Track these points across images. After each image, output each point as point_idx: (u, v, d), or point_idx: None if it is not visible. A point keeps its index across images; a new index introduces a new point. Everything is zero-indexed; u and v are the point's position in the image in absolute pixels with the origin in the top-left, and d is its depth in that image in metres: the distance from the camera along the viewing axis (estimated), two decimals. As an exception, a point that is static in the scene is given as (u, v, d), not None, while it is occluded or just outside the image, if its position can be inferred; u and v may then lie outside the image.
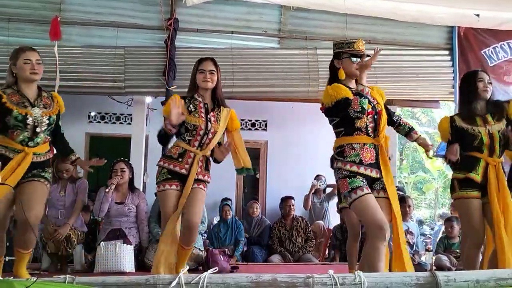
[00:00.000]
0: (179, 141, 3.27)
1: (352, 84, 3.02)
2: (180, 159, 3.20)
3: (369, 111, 2.91)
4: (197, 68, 3.30)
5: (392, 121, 3.17)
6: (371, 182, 2.93)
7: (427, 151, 3.24)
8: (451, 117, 3.43)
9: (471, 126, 3.29)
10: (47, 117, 3.19)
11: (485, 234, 3.27)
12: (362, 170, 2.89)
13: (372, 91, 3.01)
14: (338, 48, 3.08)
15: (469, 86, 3.38)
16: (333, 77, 3.07)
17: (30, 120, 3.11)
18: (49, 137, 3.27)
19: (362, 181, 2.87)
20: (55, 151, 3.46)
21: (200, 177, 3.21)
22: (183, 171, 3.18)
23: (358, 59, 2.99)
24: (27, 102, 3.16)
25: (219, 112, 3.30)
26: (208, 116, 3.24)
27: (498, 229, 3.12)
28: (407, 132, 3.20)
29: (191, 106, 3.24)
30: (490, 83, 3.37)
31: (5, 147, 3.13)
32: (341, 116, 2.92)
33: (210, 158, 3.34)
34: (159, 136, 3.24)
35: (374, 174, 2.91)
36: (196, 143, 3.21)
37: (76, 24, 5.64)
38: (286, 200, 5.85)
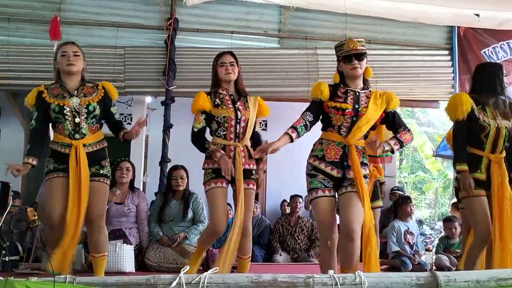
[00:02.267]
0: (215, 138, 3.29)
1: (355, 84, 3.01)
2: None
3: (346, 111, 2.91)
4: (217, 62, 3.35)
5: (396, 131, 3.04)
6: (335, 180, 2.93)
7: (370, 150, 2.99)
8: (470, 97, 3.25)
9: (482, 116, 3.21)
10: (86, 105, 3.15)
11: (491, 233, 3.20)
12: (322, 166, 2.94)
13: (373, 94, 2.98)
14: (335, 52, 3.08)
15: (499, 78, 3.29)
16: (339, 79, 3.06)
17: (67, 110, 3.11)
18: (97, 125, 3.23)
19: (320, 181, 2.92)
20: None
21: (246, 166, 3.25)
22: None
23: (353, 59, 2.94)
24: (67, 93, 3.17)
25: (246, 100, 3.35)
26: (236, 106, 3.28)
27: (494, 228, 3.13)
28: (392, 137, 3.03)
29: (217, 100, 3.28)
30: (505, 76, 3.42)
31: (56, 142, 3.16)
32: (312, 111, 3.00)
33: (250, 149, 3.34)
34: (194, 140, 3.27)
35: (334, 173, 2.92)
36: (232, 135, 3.24)
37: (76, 24, 5.64)
38: (294, 198, 5.89)
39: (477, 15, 5.65)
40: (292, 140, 2.92)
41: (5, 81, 5.49)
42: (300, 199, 5.89)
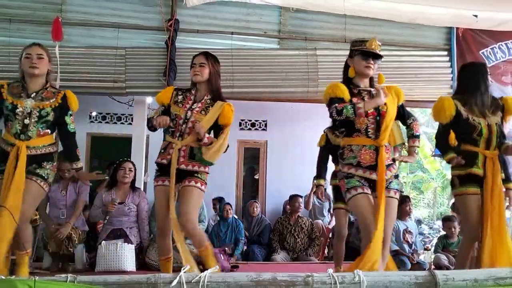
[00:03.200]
0: (166, 134, 3.30)
1: (364, 83, 3.02)
2: (163, 151, 3.24)
3: (369, 112, 2.89)
4: (191, 63, 3.32)
5: (405, 123, 3.16)
6: (373, 182, 2.90)
7: (404, 161, 3.12)
8: (453, 100, 3.32)
9: (471, 116, 3.27)
10: (38, 109, 3.12)
11: (481, 231, 3.26)
12: (360, 172, 2.90)
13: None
14: (352, 46, 3.07)
15: (483, 77, 3.35)
16: (344, 75, 3.07)
17: (19, 110, 3.09)
18: (46, 130, 3.16)
19: (358, 181, 2.88)
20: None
21: (183, 166, 3.15)
22: (164, 161, 3.18)
23: (370, 58, 2.96)
24: (25, 94, 3.15)
25: (212, 105, 3.24)
26: (193, 107, 3.23)
27: (485, 226, 3.18)
28: (409, 137, 3.18)
29: (180, 97, 3.27)
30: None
31: (4, 140, 3.14)
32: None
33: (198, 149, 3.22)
34: (148, 122, 3.29)
35: (374, 176, 2.88)
36: (178, 134, 3.21)
37: (77, 25, 5.65)
38: (295, 198, 5.91)
39: (476, 16, 5.66)
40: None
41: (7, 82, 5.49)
42: (300, 199, 5.91)
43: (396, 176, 3.01)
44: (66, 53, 5.43)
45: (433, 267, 4.95)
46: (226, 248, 5.15)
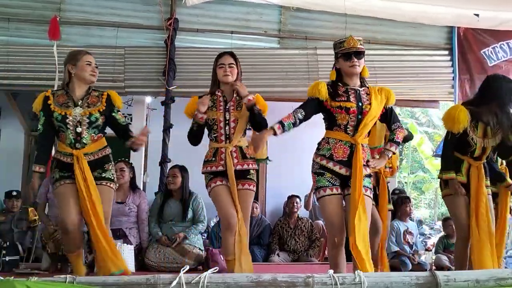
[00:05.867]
0: (210, 143, 3.34)
1: (353, 82, 3.02)
2: (214, 159, 3.26)
3: (351, 109, 2.92)
4: (217, 63, 3.35)
5: (390, 127, 3.13)
6: (343, 178, 2.95)
7: (373, 166, 3.03)
8: (467, 111, 3.28)
9: (472, 134, 3.31)
10: (87, 116, 3.17)
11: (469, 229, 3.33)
12: (330, 165, 2.94)
13: (372, 91, 3.01)
14: (334, 49, 3.10)
15: (508, 96, 3.27)
16: (335, 77, 3.08)
17: (69, 120, 3.13)
18: (99, 134, 3.24)
19: (328, 180, 2.93)
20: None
21: (239, 167, 3.23)
22: (220, 168, 3.23)
23: (353, 57, 2.95)
24: (71, 102, 3.18)
25: (241, 101, 3.30)
26: (227, 107, 3.28)
27: (471, 228, 3.25)
28: (388, 140, 3.12)
29: (209, 103, 3.30)
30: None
31: (60, 152, 3.19)
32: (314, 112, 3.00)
33: (246, 148, 3.32)
34: (189, 135, 3.32)
35: (343, 171, 2.93)
36: (223, 137, 3.26)
37: (76, 24, 5.64)
38: (291, 198, 5.89)
39: (477, 15, 5.65)
40: (275, 134, 2.87)
41: (5, 81, 5.49)
42: (298, 199, 5.87)
43: (369, 176, 3.00)
44: (65, 52, 5.35)
45: (434, 267, 4.93)
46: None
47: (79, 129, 3.14)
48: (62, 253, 4.38)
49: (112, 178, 3.29)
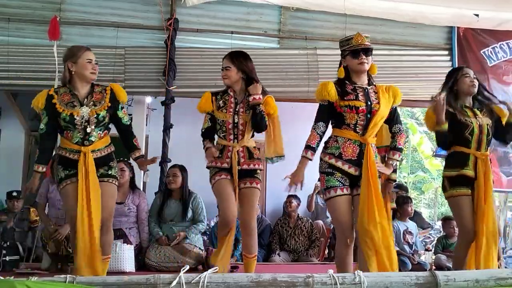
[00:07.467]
0: (218, 139, 3.39)
1: (361, 80, 3.01)
2: (220, 155, 3.31)
3: (360, 108, 2.89)
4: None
5: (391, 128, 3.12)
6: (352, 178, 2.93)
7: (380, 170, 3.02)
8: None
9: (463, 116, 3.30)
10: (95, 115, 3.16)
11: (475, 232, 3.27)
12: (339, 164, 2.91)
13: (379, 89, 3.00)
14: (341, 46, 3.06)
15: (454, 81, 3.39)
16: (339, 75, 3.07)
17: (77, 120, 3.13)
18: (105, 131, 3.25)
19: (338, 180, 2.90)
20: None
21: (245, 166, 3.29)
22: (225, 165, 3.28)
23: (361, 54, 2.96)
24: (77, 101, 3.17)
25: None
26: (237, 109, 3.31)
27: (477, 224, 3.21)
28: (391, 148, 3.12)
29: (221, 102, 3.34)
30: (476, 78, 3.38)
31: (64, 148, 3.18)
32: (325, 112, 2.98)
33: (254, 149, 3.39)
34: (202, 139, 3.44)
35: (352, 171, 2.91)
36: (231, 137, 3.31)
37: (76, 24, 5.64)
38: (288, 198, 5.88)
39: (477, 15, 5.65)
40: (311, 160, 2.97)
41: (5, 81, 5.49)
42: (293, 200, 5.86)
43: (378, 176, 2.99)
44: (65, 52, 5.41)
45: (434, 267, 4.93)
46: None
47: (88, 129, 3.14)
48: (62, 253, 4.39)
49: (116, 175, 3.33)
